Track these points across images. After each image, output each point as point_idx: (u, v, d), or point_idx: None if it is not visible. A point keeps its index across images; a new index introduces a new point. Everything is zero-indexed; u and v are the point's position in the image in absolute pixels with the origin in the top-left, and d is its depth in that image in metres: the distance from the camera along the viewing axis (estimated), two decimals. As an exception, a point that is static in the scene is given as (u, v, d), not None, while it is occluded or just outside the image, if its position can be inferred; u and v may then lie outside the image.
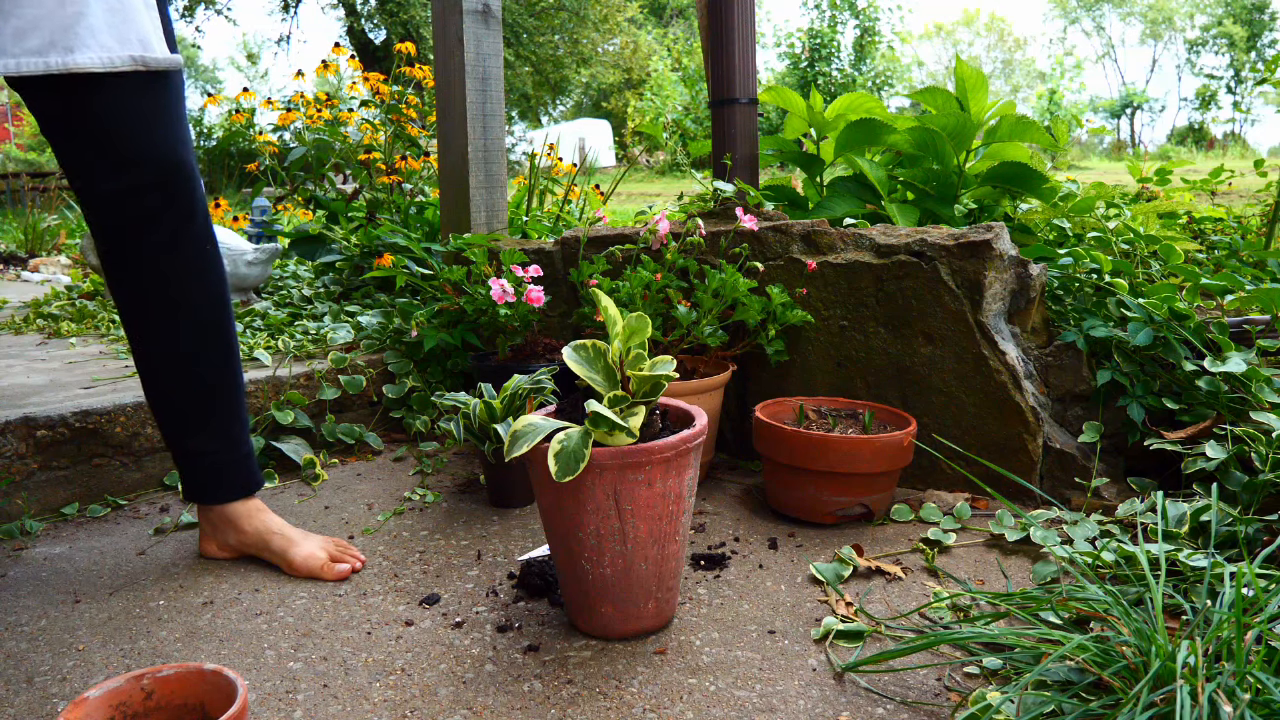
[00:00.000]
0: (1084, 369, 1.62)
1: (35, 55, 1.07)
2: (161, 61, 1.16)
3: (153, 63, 1.15)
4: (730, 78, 2.05)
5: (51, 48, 1.08)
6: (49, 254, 5.78)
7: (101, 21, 1.10)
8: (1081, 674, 0.89)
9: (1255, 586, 0.90)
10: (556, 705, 0.98)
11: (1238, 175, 2.61)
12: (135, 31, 1.13)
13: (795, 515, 1.52)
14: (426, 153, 3.17)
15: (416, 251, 2.39)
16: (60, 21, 1.08)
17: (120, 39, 1.12)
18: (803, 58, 16.61)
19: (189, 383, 1.32)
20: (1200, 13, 36.02)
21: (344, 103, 3.31)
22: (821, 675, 1.04)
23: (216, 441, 1.36)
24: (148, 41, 1.15)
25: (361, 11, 16.76)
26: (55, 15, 1.07)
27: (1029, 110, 22.19)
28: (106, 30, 1.11)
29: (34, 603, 1.25)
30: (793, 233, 1.78)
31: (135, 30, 1.13)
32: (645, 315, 1.09)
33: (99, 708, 0.81)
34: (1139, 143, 29.83)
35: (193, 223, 1.26)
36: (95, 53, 1.10)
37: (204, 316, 1.30)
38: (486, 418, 1.50)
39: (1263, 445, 1.32)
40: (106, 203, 1.21)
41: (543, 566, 1.29)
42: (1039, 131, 1.99)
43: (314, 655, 1.10)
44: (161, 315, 1.28)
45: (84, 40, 1.09)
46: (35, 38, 1.07)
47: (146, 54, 1.14)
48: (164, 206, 1.22)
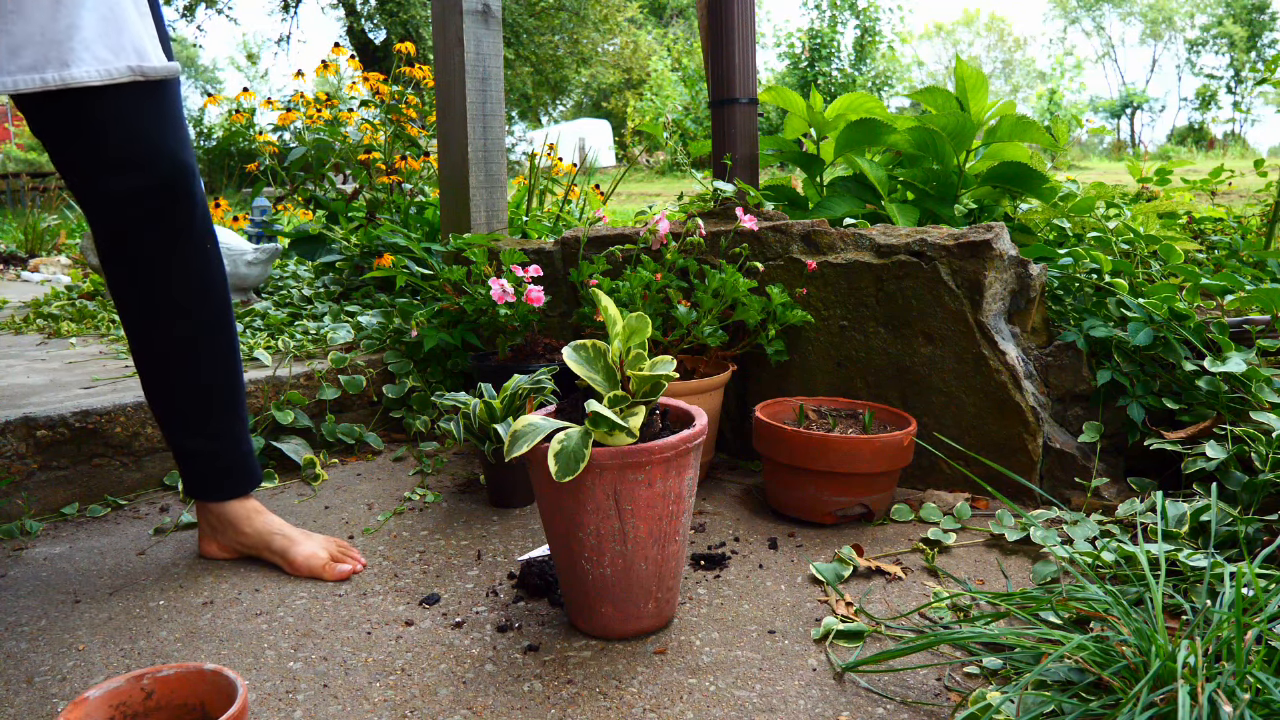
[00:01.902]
0: (1084, 369, 1.62)
1: (31, 72, 1.06)
2: (159, 70, 1.16)
3: (150, 72, 1.14)
4: (730, 78, 2.05)
5: (47, 63, 1.06)
6: (49, 254, 5.78)
7: (95, 33, 1.09)
8: (1081, 674, 0.89)
9: (1255, 586, 0.90)
10: (556, 705, 0.98)
11: (1238, 175, 2.61)
12: (130, 40, 1.12)
13: (795, 515, 1.52)
14: (426, 153, 3.17)
15: (416, 251, 2.39)
16: (53, 36, 1.06)
17: (115, 49, 1.10)
18: (803, 58, 16.61)
19: (189, 382, 1.32)
20: (1200, 13, 36.02)
21: (344, 103, 3.31)
22: (821, 675, 1.04)
23: (217, 440, 1.36)
24: (143, 50, 1.14)
25: (361, 11, 16.76)
26: (47, 30, 1.06)
27: (1029, 110, 22.19)
28: (100, 41, 1.09)
29: (34, 603, 1.25)
30: (793, 233, 1.78)
31: (130, 39, 1.12)
32: (645, 315, 1.09)
33: (99, 708, 0.81)
34: (1139, 143, 29.83)
35: (193, 223, 1.26)
36: (91, 66, 1.08)
37: (204, 316, 1.30)
38: (486, 418, 1.50)
39: (1263, 445, 1.32)
40: (108, 205, 1.21)
41: (543, 566, 1.29)
42: (1039, 131, 1.99)
43: (314, 655, 1.10)
44: (162, 315, 1.28)
45: (78, 54, 1.07)
46: (29, 54, 1.06)
47: (144, 63, 1.13)
48: (165, 207, 1.22)
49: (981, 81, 2.01)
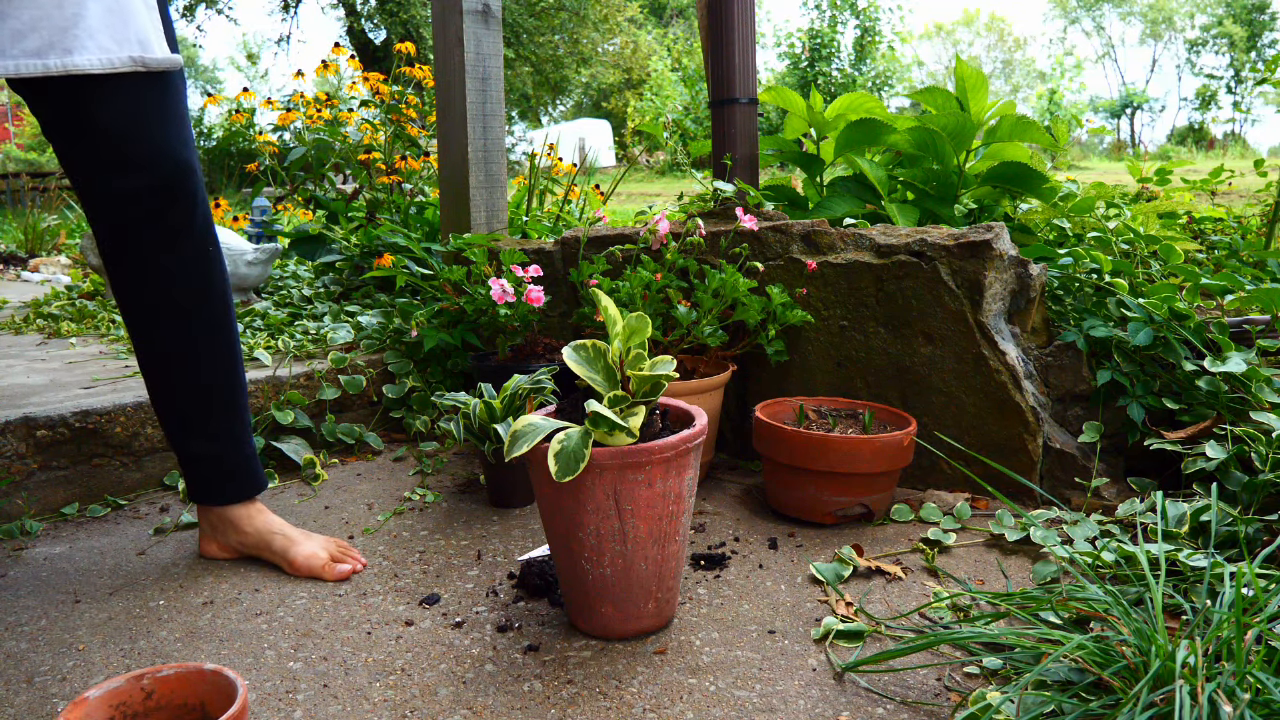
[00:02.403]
0: (1084, 369, 1.62)
1: (34, 57, 1.07)
2: (161, 62, 1.16)
3: (152, 63, 1.15)
4: (730, 78, 2.05)
5: (50, 49, 1.07)
6: (49, 254, 5.78)
7: (100, 22, 1.10)
8: (1081, 674, 0.89)
9: (1255, 586, 0.90)
10: (556, 705, 0.98)
11: (1238, 175, 2.61)
12: (134, 32, 1.13)
13: (795, 515, 1.52)
14: (426, 153, 3.17)
15: (416, 251, 2.39)
16: (58, 23, 1.07)
17: (118, 39, 1.11)
18: (803, 58, 16.61)
19: (192, 382, 1.32)
20: (1200, 13, 36.02)
21: (344, 103, 3.31)
22: (821, 675, 1.04)
23: (220, 442, 1.36)
24: (147, 42, 1.14)
25: (361, 11, 16.76)
26: (53, 16, 1.07)
27: (1029, 110, 22.19)
28: (105, 31, 1.10)
29: (34, 603, 1.25)
30: (793, 233, 1.78)
31: (134, 30, 1.13)
32: (645, 315, 1.09)
33: (99, 708, 0.81)
34: (1139, 143, 29.83)
35: (195, 223, 1.26)
36: (94, 54, 1.09)
37: (206, 316, 1.30)
38: (486, 418, 1.51)
39: (1263, 445, 1.32)
40: (109, 203, 1.21)
41: (543, 566, 1.29)
42: (1039, 131, 1.99)
43: (314, 655, 1.10)
44: (164, 315, 1.28)
45: (82, 41, 1.09)
46: (34, 39, 1.07)
47: (145, 54, 1.14)
48: (166, 206, 1.22)
49: (981, 81, 2.01)
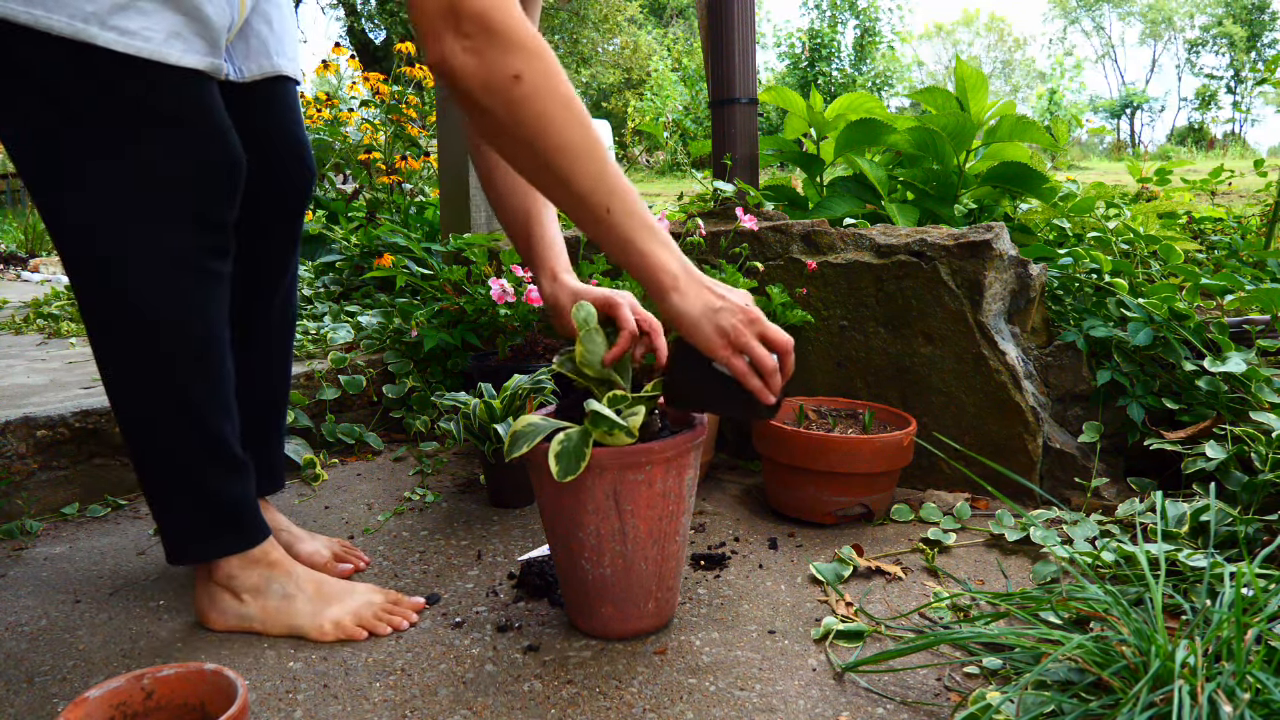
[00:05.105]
0: (1084, 369, 1.62)
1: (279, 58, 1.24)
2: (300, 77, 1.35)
3: (300, 77, 1.33)
4: (730, 77, 2.05)
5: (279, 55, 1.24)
6: (49, 254, 5.78)
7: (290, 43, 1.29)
8: (1081, 674, 0.89)
9: (1255, 586, 0.90)
10: (556, 705, 0.98)
11: (1238, 175, 2.61)
12: (294, 49, 1.30)
13: (795, 515, 1.52)
14: (426, 153, 3.17)
15: (416, 251, 2.39)
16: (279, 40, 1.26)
17: (292, 55, 1.29)
18: (803, 58, 16.60)
19: (256, 398, 1.34)
20: (1200, 13, 36.03)
21: (344, 103, 3.31)
22: (821, 675, 1.04)
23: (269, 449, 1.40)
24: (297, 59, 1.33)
25: (361, 11, 16.77)
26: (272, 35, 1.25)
27: (1029, 110, 22.17)
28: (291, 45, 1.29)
29: (34, 603, 1.25)
30: (793, 233, 1.78)
31: (293, 48, 1.31)
32: (645, 315, 1.09)
33: (99, 707, 0.81)
34: (1139, 143, 29.83)
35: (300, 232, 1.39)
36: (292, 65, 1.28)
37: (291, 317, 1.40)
38: (486, 418, 1.50)
39: (1262, 445, 1.32)
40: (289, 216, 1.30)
41: (543, 566, 1.29)
42: (1039, 131, 1.99)
43: (314, 655, 1.10)
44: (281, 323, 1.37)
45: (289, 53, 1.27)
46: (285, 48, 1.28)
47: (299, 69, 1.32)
48: (301, 210, 1.33)
49: (981, 81, 2.01)
